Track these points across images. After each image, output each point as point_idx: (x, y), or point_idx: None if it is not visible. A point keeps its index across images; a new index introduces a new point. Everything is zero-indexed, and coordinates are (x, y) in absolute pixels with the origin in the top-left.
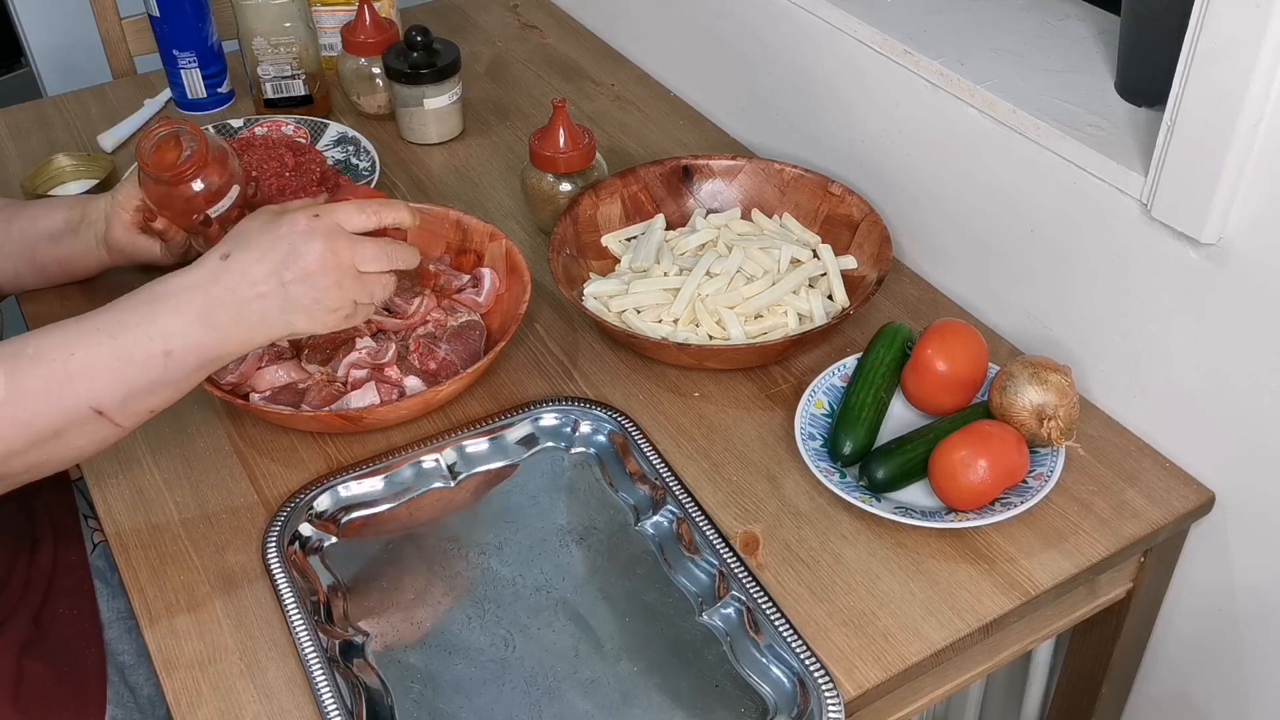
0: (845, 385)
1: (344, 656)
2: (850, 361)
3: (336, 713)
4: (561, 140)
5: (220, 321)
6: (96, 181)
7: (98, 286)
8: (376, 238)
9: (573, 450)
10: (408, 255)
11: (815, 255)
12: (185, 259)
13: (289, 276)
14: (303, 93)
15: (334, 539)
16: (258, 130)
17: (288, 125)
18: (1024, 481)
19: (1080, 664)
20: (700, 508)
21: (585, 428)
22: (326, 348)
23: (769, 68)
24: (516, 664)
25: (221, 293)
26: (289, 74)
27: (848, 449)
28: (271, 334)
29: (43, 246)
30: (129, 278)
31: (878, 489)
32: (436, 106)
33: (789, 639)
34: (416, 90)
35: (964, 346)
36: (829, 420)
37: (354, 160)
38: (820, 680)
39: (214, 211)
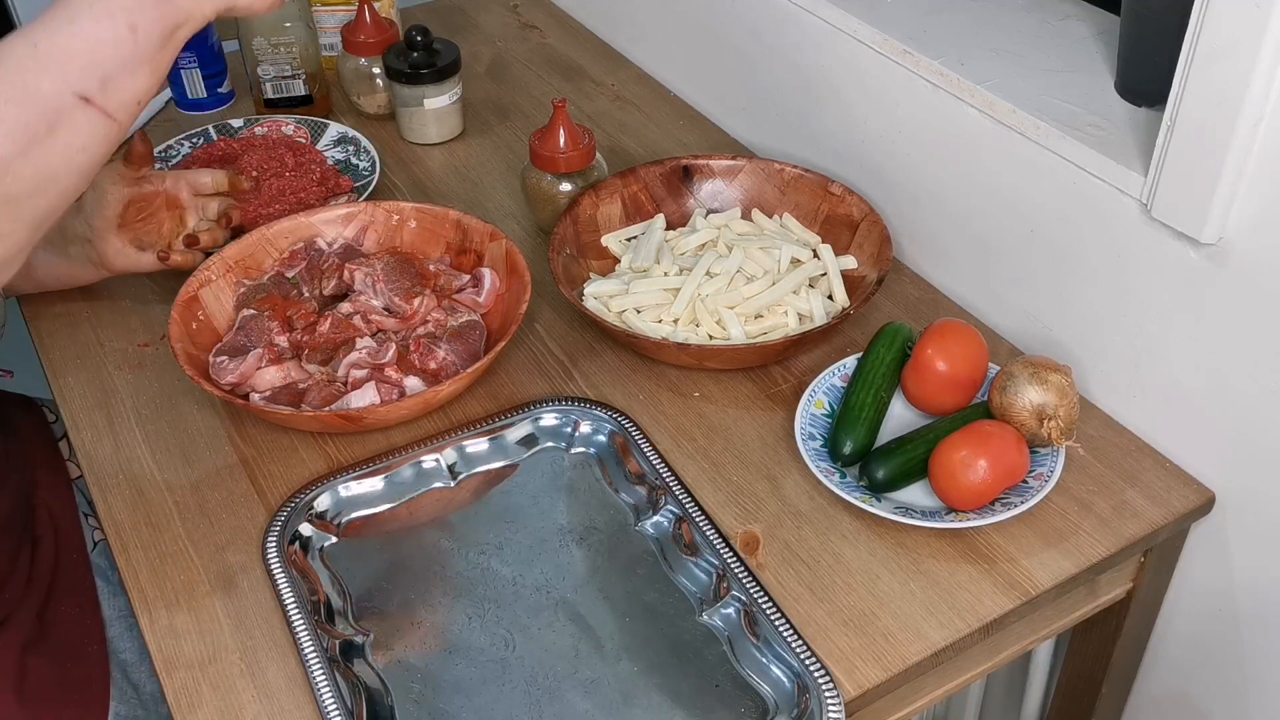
0: (845, 385)
1: (344, 656)
2: (850, 361)
3: (336, 713)
4: (561, 140)
5: None
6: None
7: (98, 286)
8: None
9: (573, 450)
10: None
11: (815, 255)
12: (188, 269)
13: None
14: (303, 93)
15: (334, 539)
16: (258, 130)
17: (288, 125)
18: (1024, 481)
19: (1080, 664)
20: (700, 508)
21: (585, 428)
22: (326, 348)
23: (769, 68)
24: (516, 664)
25: None
26: (289, 74)
27: (848, 449)
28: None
29: (36, 264)
30: (130, 279)
31: (878, 489)
32: (436, 106)
33: (789, 639)
34: (416, 90)
35: (964, 346)
36: (829, 420)
37: (354, 160)
38: (820, 680)
39: None
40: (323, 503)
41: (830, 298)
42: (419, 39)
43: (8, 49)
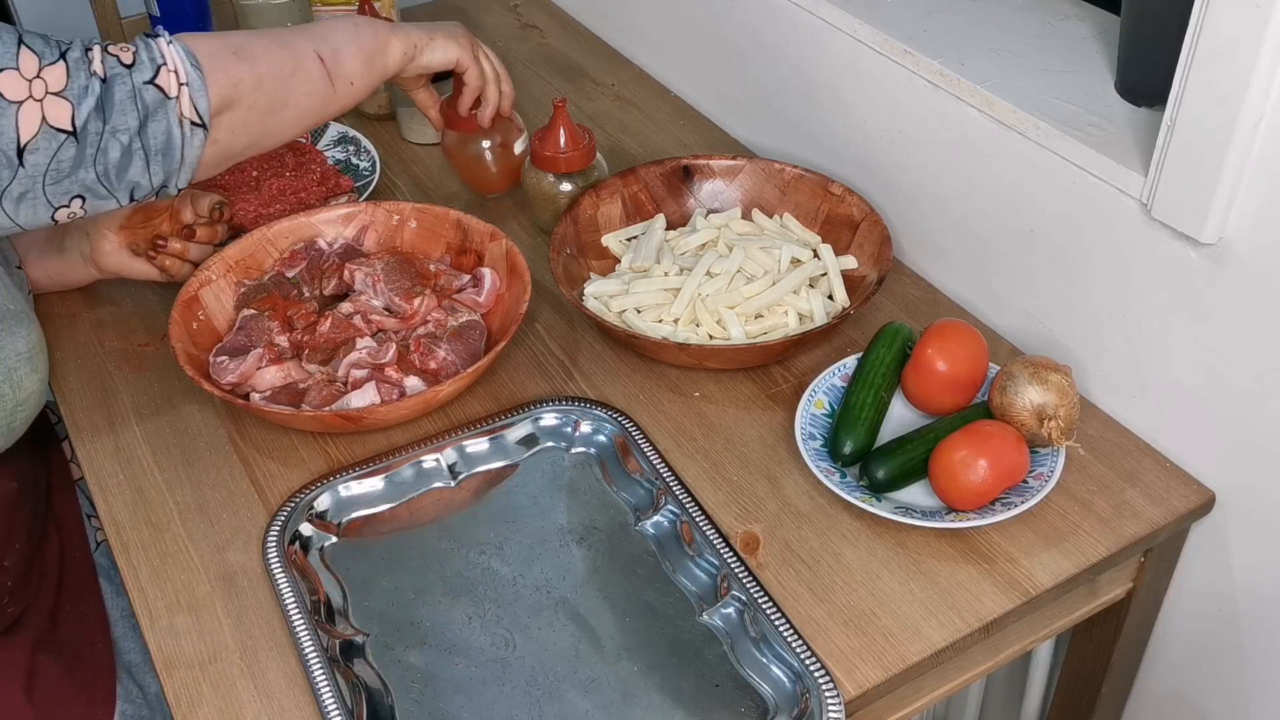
0: (845, 385)
1: (344, 656)
2: (850, 361)
3: (336, 713)
4: (562, 140)
5: (379, 23)
6: None
7: (99, 287)
8: None
9: (573, 450)
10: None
11: (815, 255)
12: (179, 280)
13: (430, 24)
14: None
15: (334, 539)
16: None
17: None
18: (1024, 481)
19: (1080, 664)
20: (700, 508)
21: (585, 428)
22: (327, 348)
23: (769, 68)
24: (517, 664)
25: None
26: None
27: (848, 449)
28: (419, 36)
29: (30, 261)
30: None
31: (878, 489)
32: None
33: (789, 639)
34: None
35: (964, 346)
36: (829, 420)
37: (354, 160)
38: (820, 680)
39: None
40: (323, 503)
41: (830, 298)
42: None
43: (286, 31)
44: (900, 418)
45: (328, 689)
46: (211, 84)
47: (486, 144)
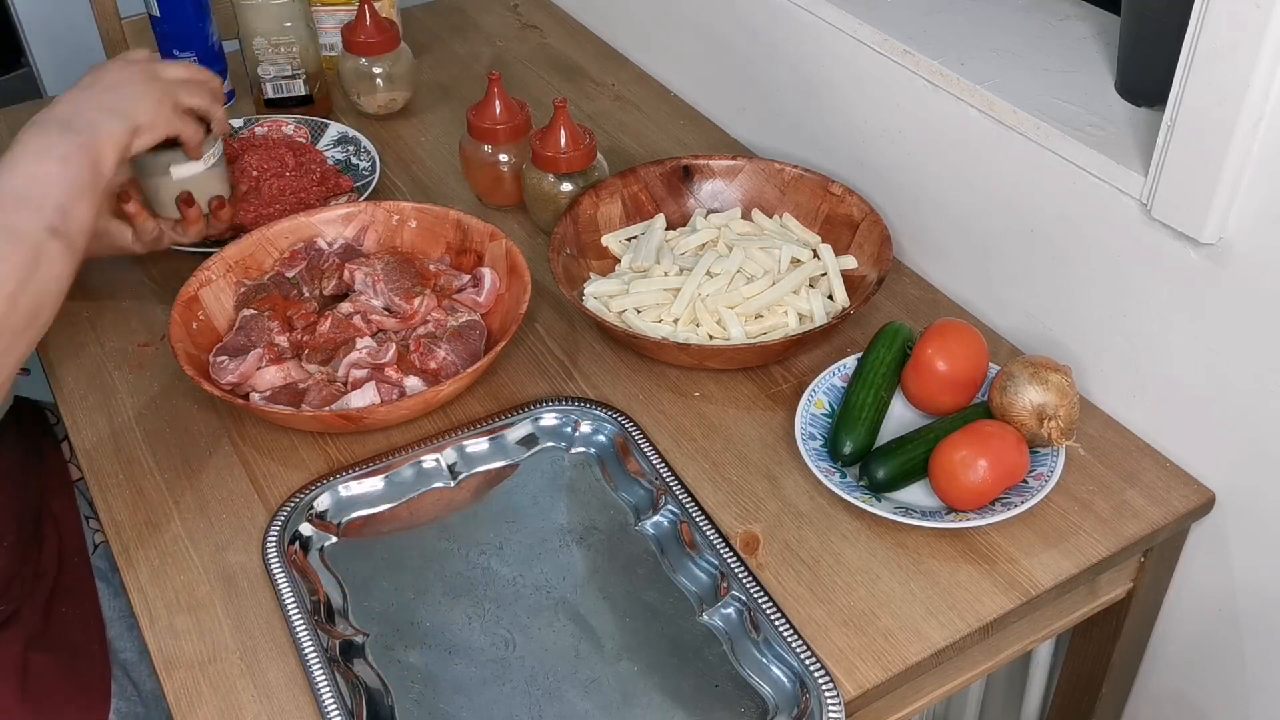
0: (845, 385)
1: (344, 656)
2: (850, 361)
3: (336, 713)
4: (562, 140)
5: (76, 124)
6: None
7: (99, 286)
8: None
9: (573, 450)
10: (188, 71)
11: (815, 255)
12: (156, 246)
13: (113, 81)
14: (303, 93)
15: (334, 539)
16: (258, 130)
17: (288, 125)
18: (1024, 481)
19: (1080, 664)
20: (700, 508)
21: (585, 428)
22: (327, 348)
23: (769, 68)
24: (517, 664)
25: (65, 107)
26: (289, 74)
27: (848, 449)
28: (117, 125)
29: None
30: (112, 273)
31: (878, 489)
32: (185, 175)
33: (789, 639)
34: (162, 158)
35: (964, 346)
36: (829, 420)
37: (354, 160)
38: (820, 680)
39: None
40: (323, 503)
41: (830, 298)
42: None
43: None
44: (900, 418)
45: (327, 689)
46: None
47: (504, 157)
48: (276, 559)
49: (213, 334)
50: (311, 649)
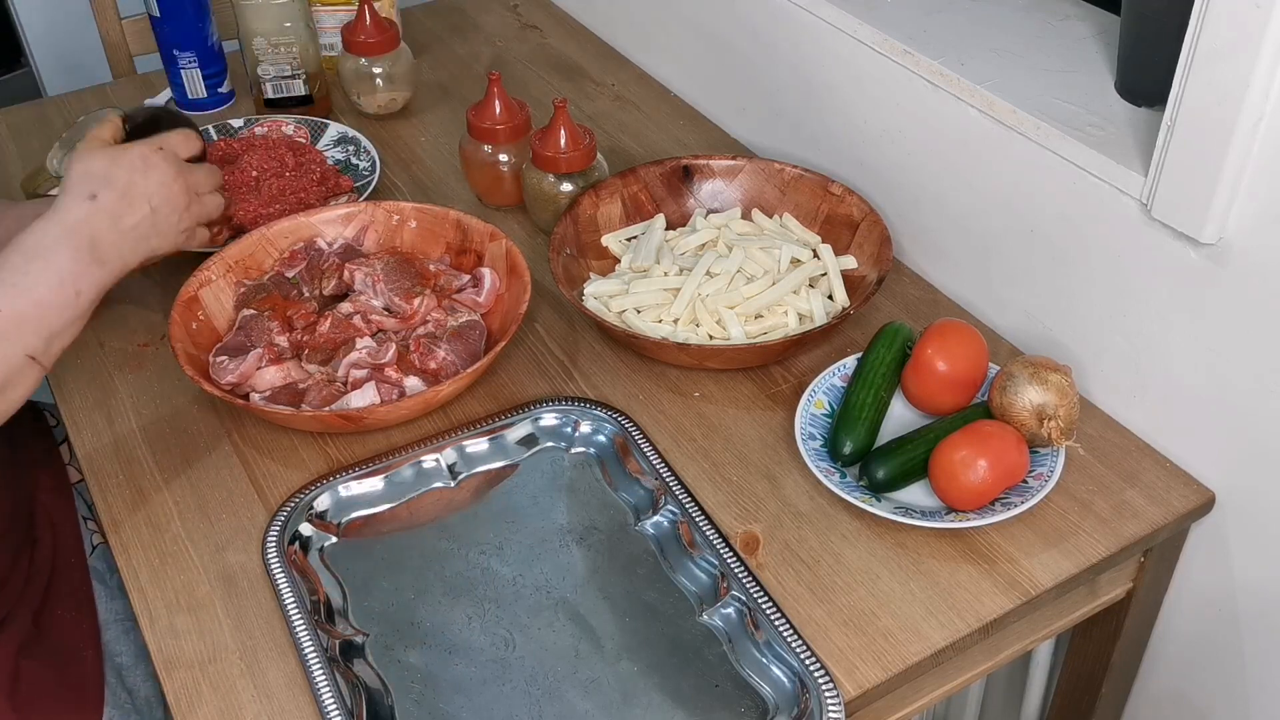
0: (845, 385)
1: (344, 656)
2: (850, 361)
3: (336, 713)
4: (562, 140)
5: (108, 255)
6: None
7: None
8: (199, 164)
9: (573, 450)
10: (214, 177)
11: (815, 255)
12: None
13: (155, 203)
14: (303, 93)
15: (334, 539)
16: (258, 130)
17: (288, 125)
18: (1024, 481)
19: (1080, 664)
20: (700, 508)
21: (585, 428)
22: (327, 348)
23: (769, 68)
24: (516, 664)
25: (102, 229)
26: (289, 74)
27: (848, 449)
28: (138, 257)
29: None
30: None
31: (878, 489)
32: None
33: (789, 639)
34: None
35: (964, 346)
36: (829, 420)
37: (354, 160)
38: (820, 680)
39: None
40: (323, 503)
41: (830, 298)
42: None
43: None
44: (900, 418)
45: (327, 689)
46: None
47: (504, 157)
48: (276, 559)
49: (213, 334)
50: (311, 649)
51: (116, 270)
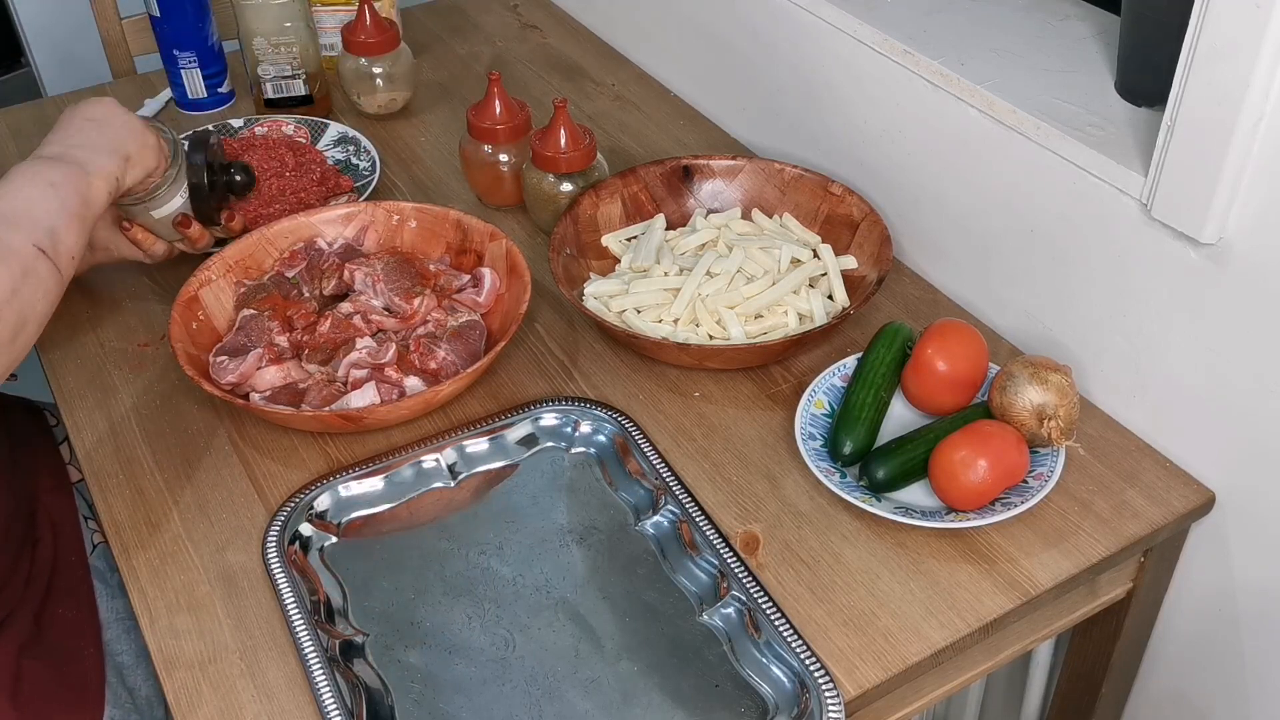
0: (845, 385)
1: (344, 656)
2: (850, 361)
3: (336, 713)
4: (562, 140)
5: (71, 156)
6: None
7: (99, 286)
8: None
9: (573, 450)
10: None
11: (815, 255)
12: (169, 257)
13: (98, 117)
14: (303, 93)
15: (334, 539)
16: (258, 130)
17: (288, 125)
18: (1024, 481)
19: (1080, 664)
20: (700, 508)
21: (585, 428)
22: (327, 348)
23: (769, 68)
24: (516, 664)
25: (57, 146)
26: (289, 74)
27: (848, 449)
28: (115, 165)
29: None
30: (112, 273)
31: (878, 489)
32: (166, 213)
33: (789, 639)
34: (137, 207)
35: (964, 346)
36: (829, 420)
37: (354, 160)
38: (820, 680)
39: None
40: (323, 503)
41: (830, 298)
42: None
43: None
44: (900, 418)
45: (328, 689)
46: None
47: (504, 157)
48: (276, 559)
49: (213, 334)
50: (311, 649)
51: (83, 167)
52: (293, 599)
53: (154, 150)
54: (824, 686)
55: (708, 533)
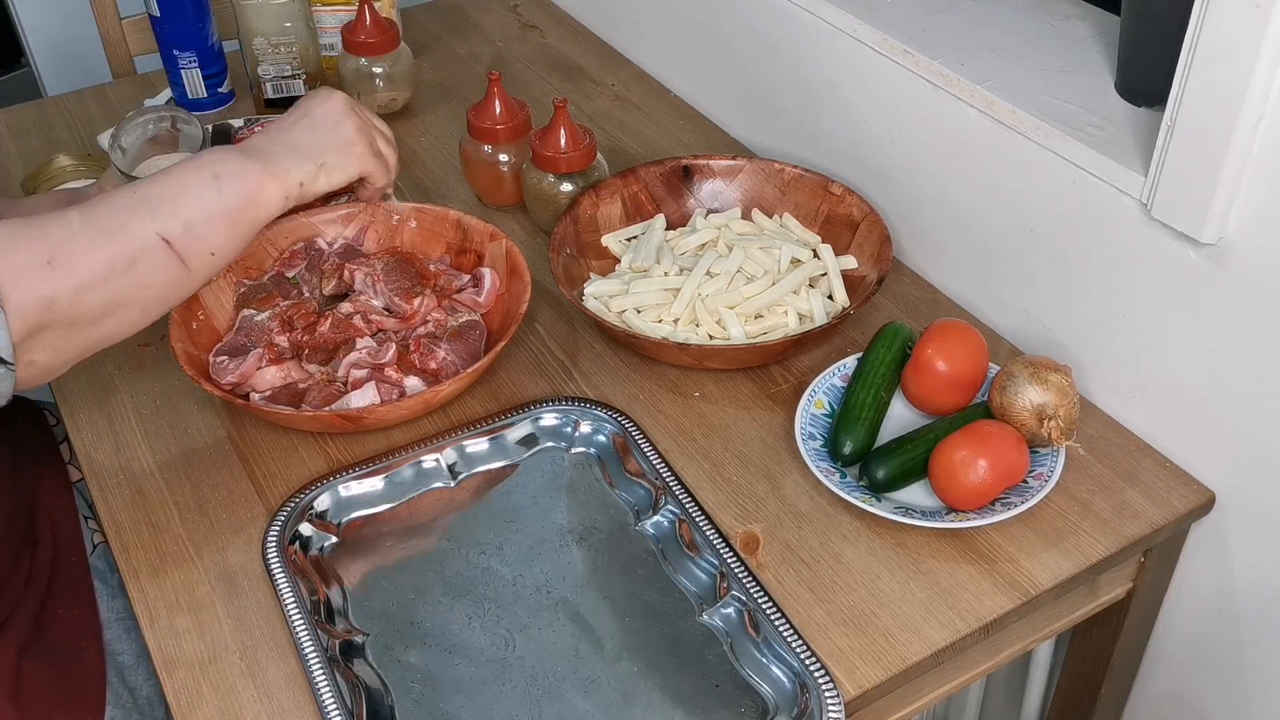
0: (845, 385)
1: (344, 656)
2: (850, 361)
3: (336, 713)
4: (562, 140)
5: (254, 150)
6: (96, 181)
7: None
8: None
9: (573, 450)
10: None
11: (815, 255)
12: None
13: (314, 114)
14: (302, 93)
15: (334, 539)
16: (258, 130)
17: None
18: (1024, 481)
19: (1080, 664)
20: (700, 508)
21: (585, 427)
22: (327, 348)
23: (769, 68)
24: (517, 664)
25: (259, 140)
26: (289, 74)
27: (848, 449)
28: (303, 168)
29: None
30: None
31: (878, 489)
32: None
33: (789, 639)
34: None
35: (964, 346)
36: (829, 420)
37: None
38: (820, 680)
39: None
40: (323, 503)
41: (830, 298)
42: None
43: (116, 193)
44: (900, 418)
45: (328, 689)
46: (13, 313)
47: (504, 157)
48: (276, 559)
49: (213, 334)
50: (311, 649)
51: (265, 165)
52: (293, 599)
53: (358, 158)
54: (824, 686)
55: (708, 533)
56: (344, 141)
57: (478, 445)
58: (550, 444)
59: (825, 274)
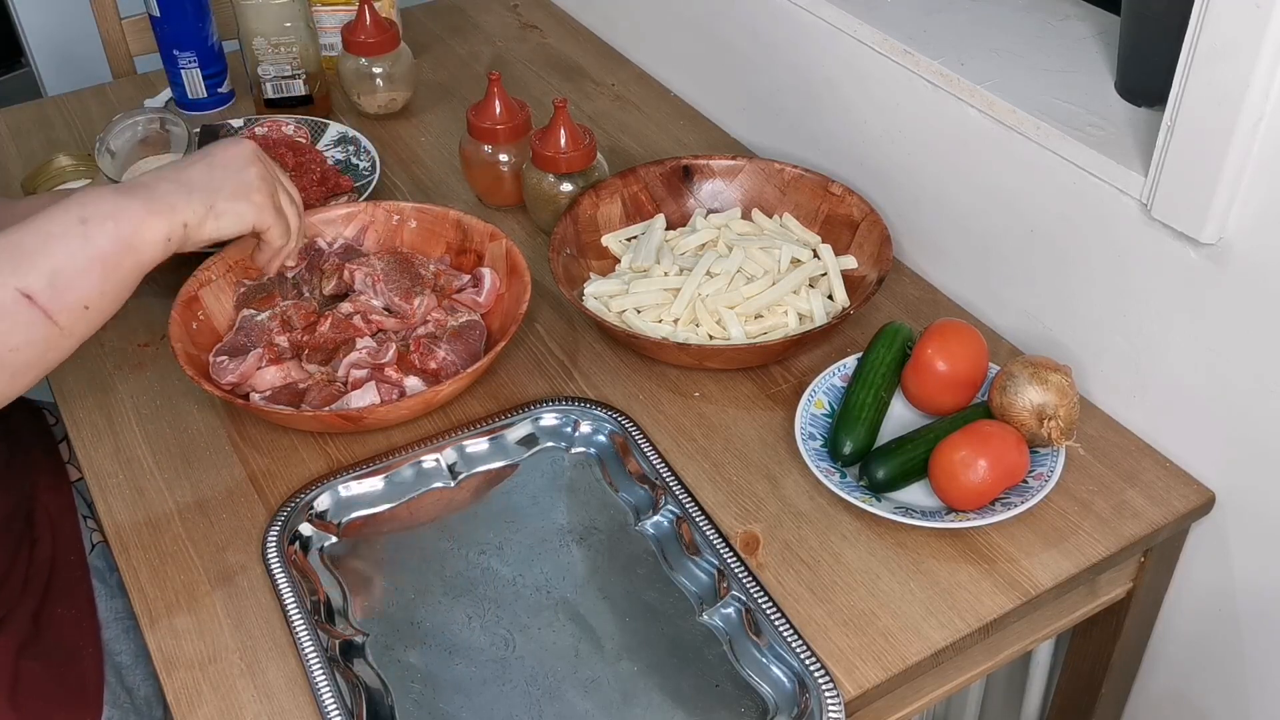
0: (845, 385)
1: (344, 656)
2: (850, 361)
3: (336, 713)
4: (562, 140)
5: (143, 187)
6: (92, 182)
7: None
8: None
9: (573, 450)
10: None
11: (815, 255)
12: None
13: (217, 158)
14: (303, 93)
15: (334, 539)
16: (258, 130)
17: (288, 125)
18: (1024, 481)
19: (1080, 664)
20: (700, 508)
21: (585, 428)
22: (327, 348)
23: (769, 68)
24: (516, 664)
25: (149, 175)
26: (289, 74)
27: (848, 449)
28: (191, 207)
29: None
30: None
31: (878, 489)
32: None
33: (789, 639)
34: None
35: (964, 346)
36: (829, 420)
37: (354, 160)
38: (820, 680)
39: None
40: (323, 503)
41: (830, 298)
42: None
43: None
44: (900, 418)
45: (328, 689)
46: None
47: (504, 157)
48: (276, 559)
49: (213, 334)
50: (311, 649)
51: (146, 204)
52: (293, 599)
53: (256, 207)
54: (824, 686)
55: (707, 533)
56: (242, 186)
57: (478, 445)
58: (550, 444)
59: (825, 274)
